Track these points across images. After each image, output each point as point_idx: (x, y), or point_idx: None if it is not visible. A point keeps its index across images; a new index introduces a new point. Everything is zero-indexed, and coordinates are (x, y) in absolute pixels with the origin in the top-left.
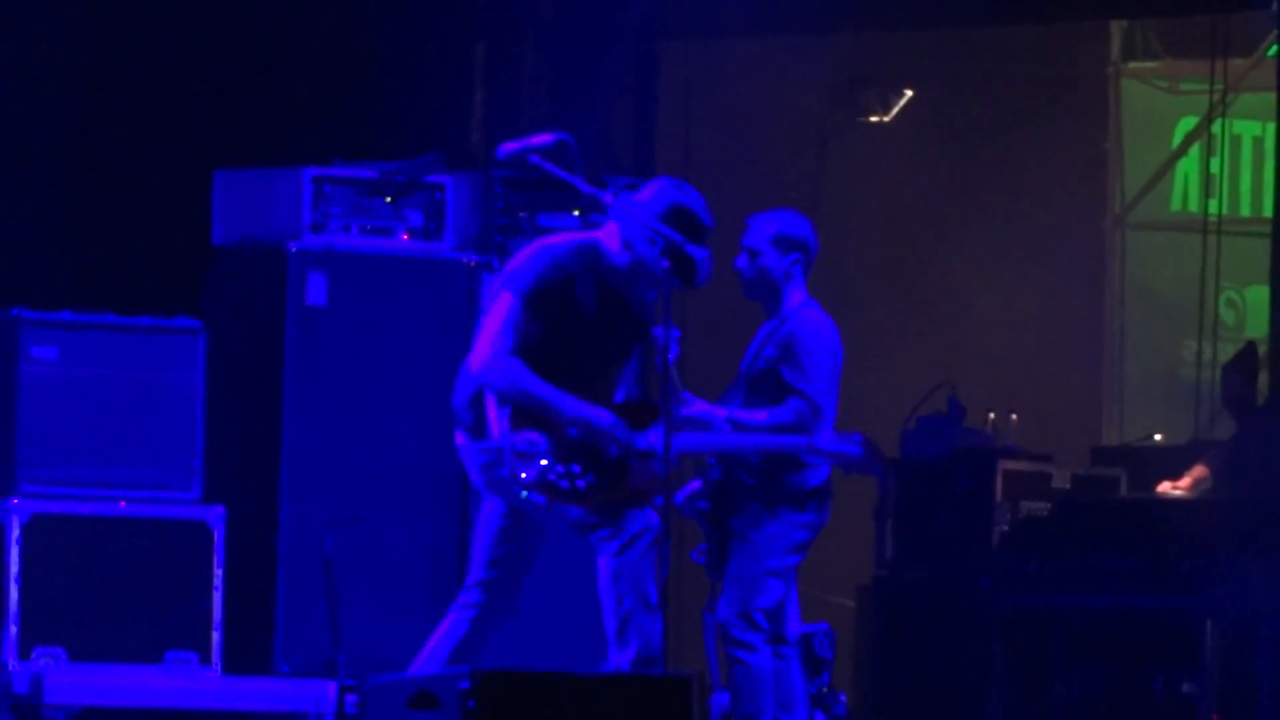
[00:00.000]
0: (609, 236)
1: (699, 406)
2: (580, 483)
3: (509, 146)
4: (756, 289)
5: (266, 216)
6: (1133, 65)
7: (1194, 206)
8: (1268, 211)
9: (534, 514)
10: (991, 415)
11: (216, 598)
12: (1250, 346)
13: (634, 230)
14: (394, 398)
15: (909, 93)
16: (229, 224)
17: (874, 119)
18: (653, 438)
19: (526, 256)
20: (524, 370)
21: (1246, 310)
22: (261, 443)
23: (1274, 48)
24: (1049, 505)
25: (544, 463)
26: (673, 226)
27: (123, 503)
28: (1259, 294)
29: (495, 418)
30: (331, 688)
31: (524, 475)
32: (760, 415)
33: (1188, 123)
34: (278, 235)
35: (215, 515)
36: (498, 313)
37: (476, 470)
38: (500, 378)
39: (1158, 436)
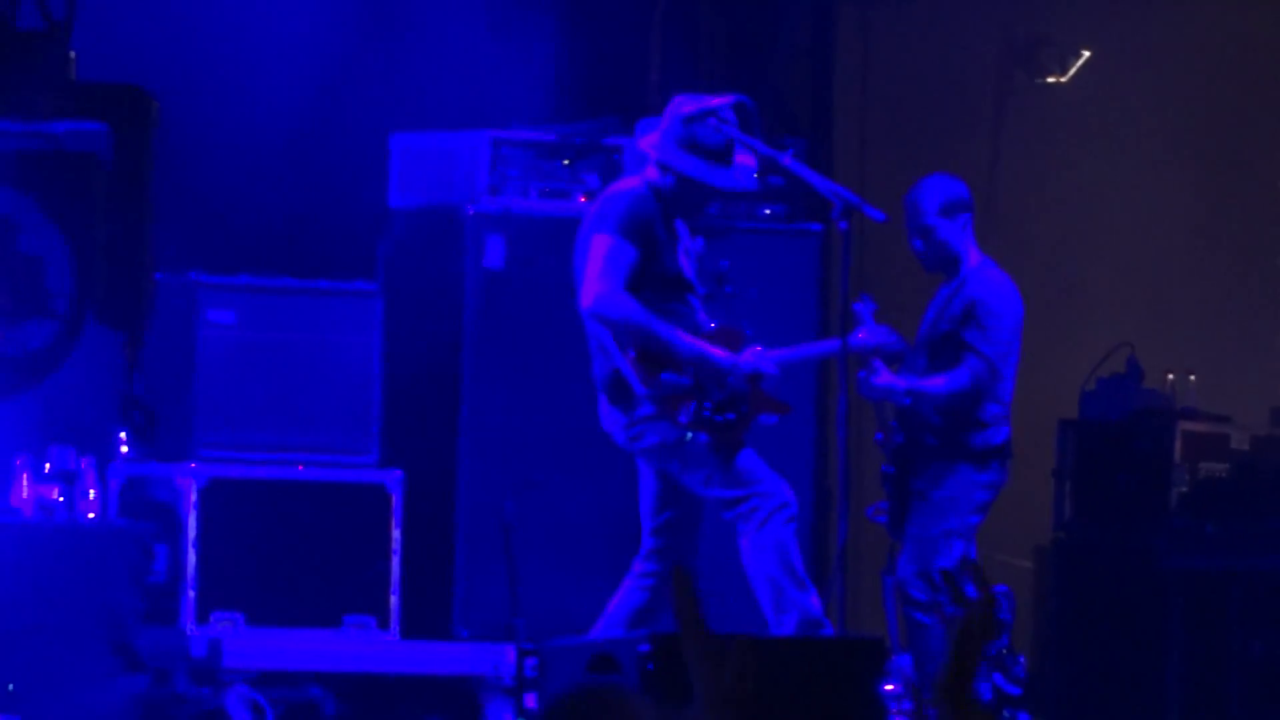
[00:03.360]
0: (655, 177)
1: (883, 376)
2: (730, 415)
3: (688, 107)
4: (938, 263)
5: (444, 180)
6: None
7: None
8: None
9: (680, 480)
10: (1170, 376)
11: (394, 562)
12: None
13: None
14: (572, 361)
15: (1086, 53)
16: (407, 187)
17: (1051, 79)
18: (750, 359)
19: (607, 199)
20: (637, 305)
21: None
22: (439, 406)
23: None
24: (1228, 466)
25: (694, 402)
26: (688, 152)
27: (300, 466)
28: None
29: (629, 372)
30: (510, 651)
31: (681, 418)
32: (938, 381)
33: None
34: (456, 198)
35: (393, 479)
36: (597, 253)
37: (623, 438)
38: (615, 310)
39: None
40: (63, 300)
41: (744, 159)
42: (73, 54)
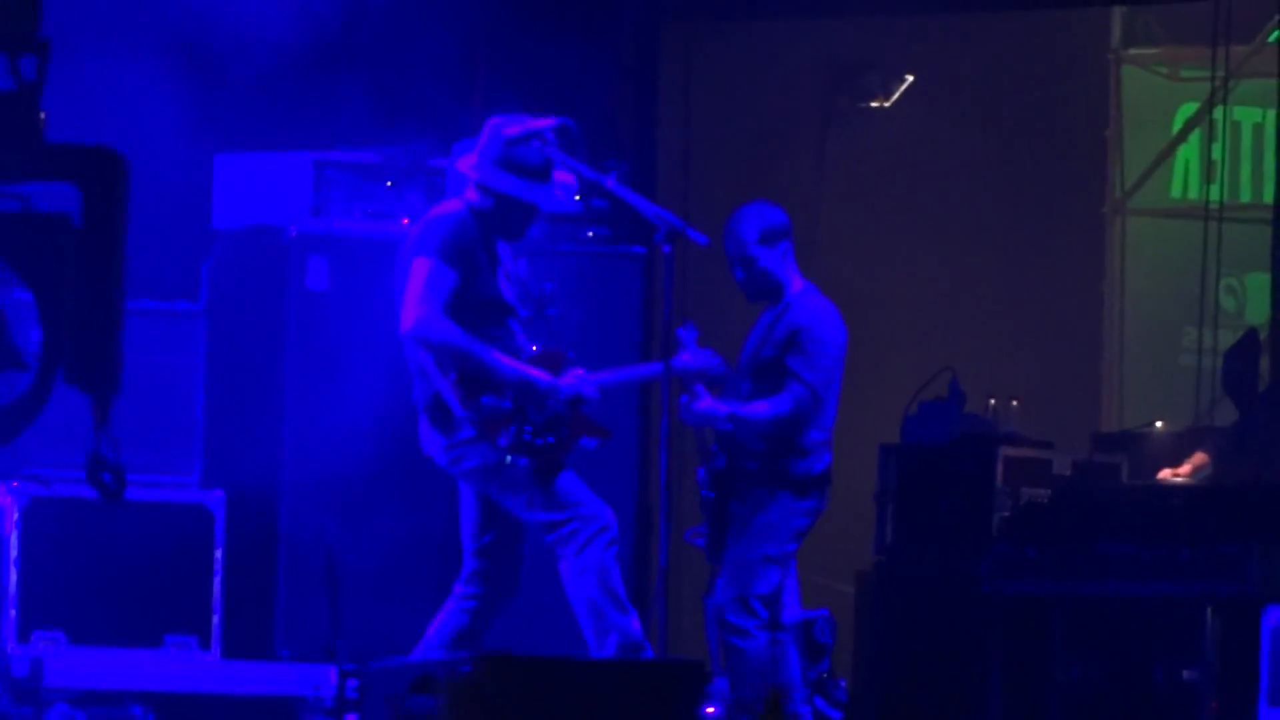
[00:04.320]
0: (475, 198)
1: (705, 401)
2: (550, 438)
3: (510, 130)
4: (760, 292)
5: (268, 201)
6: (1133, 51)
7: (1194, 193)
8: (1268, 198)
9: (501, 502)
10: (992, 401)
11: (216, 582)
12: (1251, 333)
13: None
14: (394, 383)
15: (910, 78)
16: (230, 208)
17: (875, 104)
18: (572, 382)
19: (427, 222)
20: (457, 328)
21: (1246, 297)
22: (262, 427)
23: (1275, 33)
24: (1050, 492)
25: (515, 425)
26: (506, 171)
27: None
28: (1259, 281)
29: (449, 395)
30: (331, 672)
31: (501, 441)
32: (760, 407)
33: (1188, 109)
34: (279, 220)
35: (215, 499)
36: (417, 276)
37: (443, 460)
38: (435, 333)
39: (1158, 423)
40: (32, 359)
41: (564, 178)
42: (43, 114)
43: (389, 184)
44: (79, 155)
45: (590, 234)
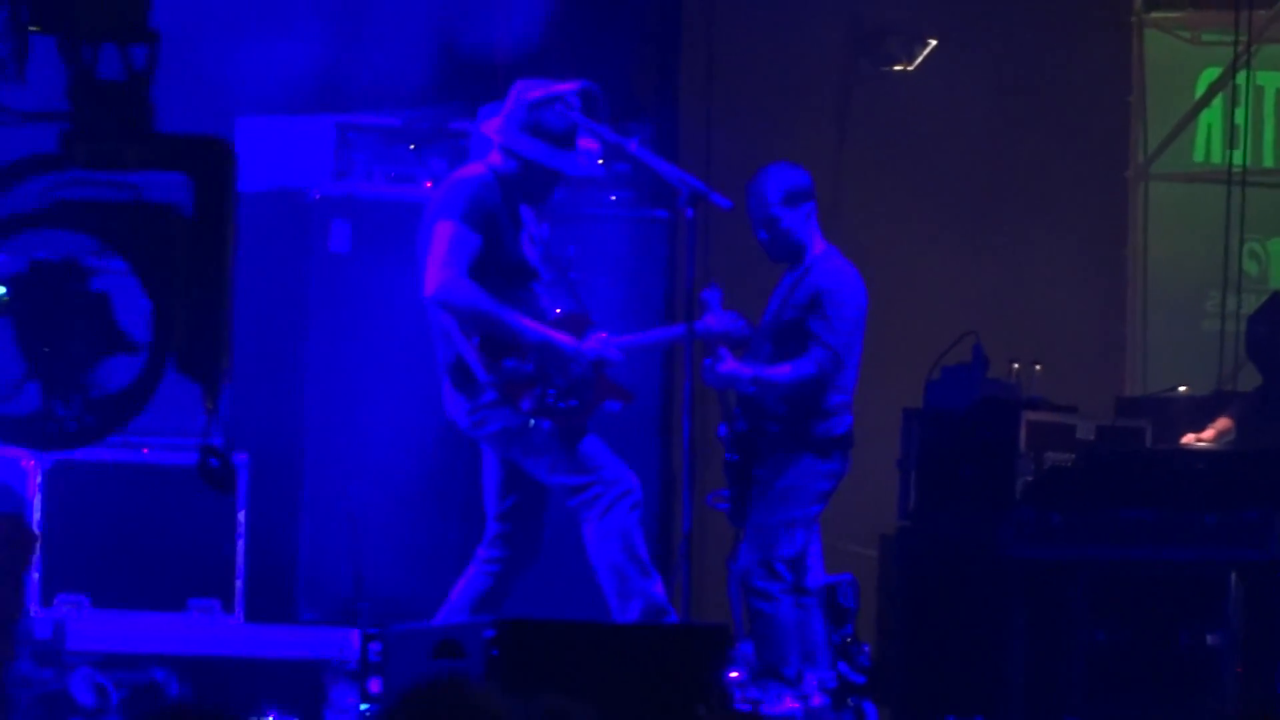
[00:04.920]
0: (499, 162)
1: (729, 364)
2: (573, 401)
3: (534, 93)
4: (783, 253)
5: (290, 164)
6: (1155, 15)
7: (1217, 158)
8: None
9: (524, 466)
10: (1015, 366)
11: (239, 545)
12: (1275, 297)
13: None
14: (416, 346)
15: (933, 42)
16: (252, 171)
17: (898, 68)
18: (595, 345)
19: (450, 185)
20: (480, 291)
21: (1270, 261)
22: (284, 390)
23: None
24: (1073, 456)
25: (538, 388)
26: (531, 136)
27: (145, 449)
28: None
29: (472, 359)
30: (354, 635)
31: (524, 404)
32: (784, 369)
33: (1211, 73)
34: (301, 183)
35: (239, 462)
36: (440, 240)
37: (466, 424)
38: (458, 297)
39: (1182, 388)
40: (144, 349)
41: (587, 144)
42: (153, 104)
43: (411, 147)
44: (189, 145)
45: (613, 198)
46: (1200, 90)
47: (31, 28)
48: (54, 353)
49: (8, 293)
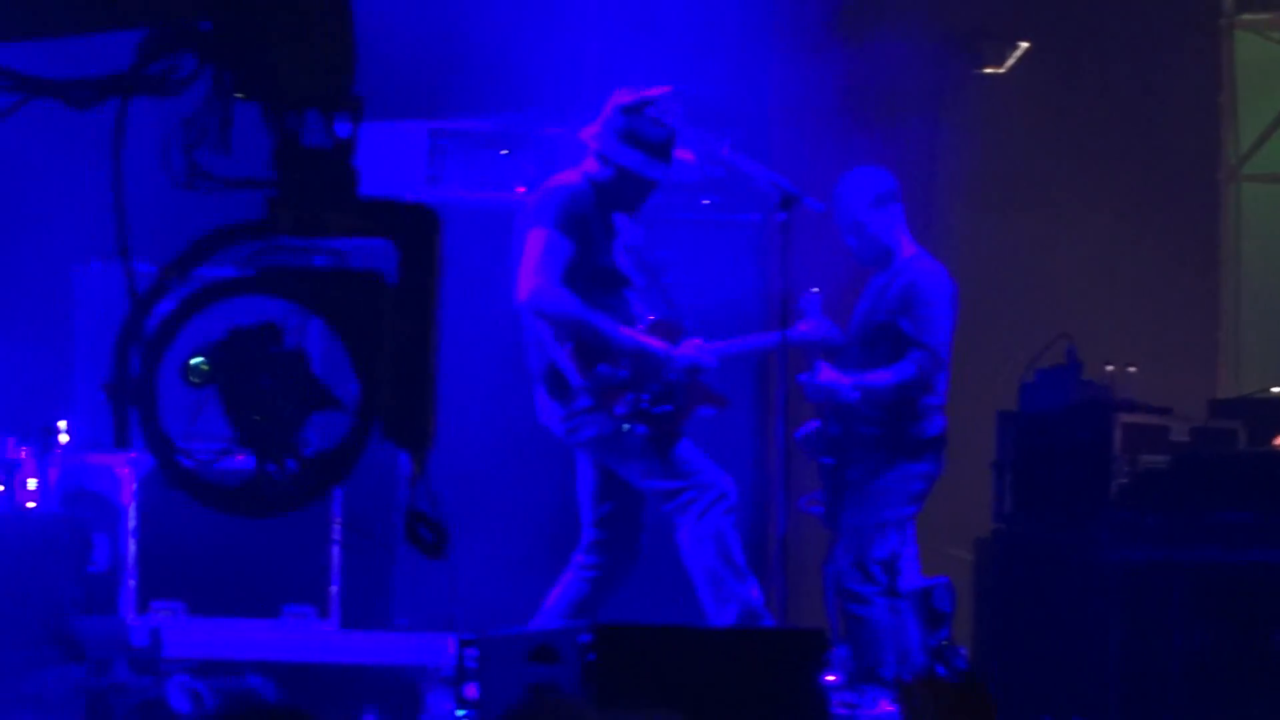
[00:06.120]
0: (594, 169)
1: (827, 374)
2: (668, 407)
3: (624, 99)
4: (872, 257)
5: (382, 170)
6: (1246, 17)
7: None
8: None
9: (618, 472)
10: (1110, 368)
11: (334, 551)
12: None
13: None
14: (509, 353)
15: (1024, 45)
16: None
17: (990, 70)
18: (689, 351)
19: (545, 193)
20: (574, 298)
21: None
22: None
23: None
24: (1167, 458)
25: (631, 394)
26: (628, 145)
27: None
28: None
29: (566, 365)
30: (450, 641)
31: (618, 410)
32: (885, 374)
33: None
34: (394, 189)
35: None
36: (534, 247)
37: (560, 430)
38: (552, 304)
39: (1275, 389)
40: (349, 409)
41: (683, 153)
42: (358, 170)
43: (504, 153)
44: (394, 211)
45: (706, 202)
46: None
47: (236, 95)
48: (262, 417)
49: (207, 361)
